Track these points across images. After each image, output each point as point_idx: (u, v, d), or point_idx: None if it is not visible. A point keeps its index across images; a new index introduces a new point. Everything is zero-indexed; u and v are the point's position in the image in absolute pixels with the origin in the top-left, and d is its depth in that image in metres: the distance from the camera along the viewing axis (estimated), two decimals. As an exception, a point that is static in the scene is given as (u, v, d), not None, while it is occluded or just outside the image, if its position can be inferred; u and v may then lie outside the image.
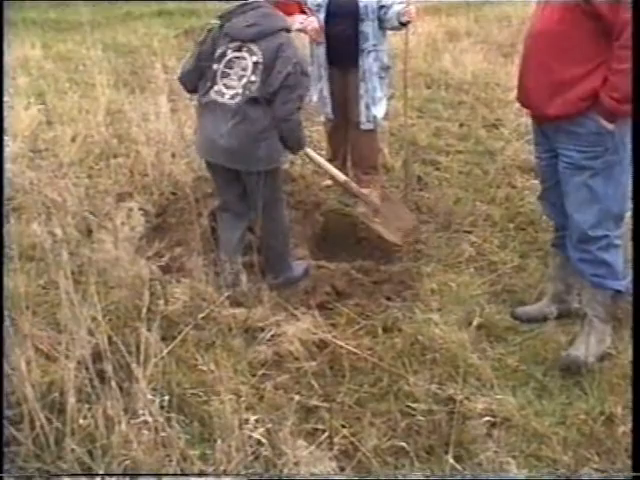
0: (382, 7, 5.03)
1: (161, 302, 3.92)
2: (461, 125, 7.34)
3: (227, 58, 3.95)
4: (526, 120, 5.42)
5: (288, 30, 4.01)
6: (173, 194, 5.35)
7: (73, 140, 6.24)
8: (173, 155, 5.79)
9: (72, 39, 10.62)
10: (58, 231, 4.48)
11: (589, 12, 3.08)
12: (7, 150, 5.50)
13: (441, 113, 7.67)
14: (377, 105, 5.34)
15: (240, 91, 3.88)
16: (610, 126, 3.18)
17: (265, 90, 3.84)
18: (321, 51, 5.22)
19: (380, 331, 3.76)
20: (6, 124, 5.95)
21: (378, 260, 4.57)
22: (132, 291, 3.88)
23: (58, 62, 9.44)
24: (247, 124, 3.90)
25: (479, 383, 3.36)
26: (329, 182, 5.64)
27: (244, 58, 3.90)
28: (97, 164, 5.92)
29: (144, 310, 3.56)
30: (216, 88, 3.97)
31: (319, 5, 5.11)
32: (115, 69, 8.79)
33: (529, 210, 5.13)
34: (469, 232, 4.95)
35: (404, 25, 4.98)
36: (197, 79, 4.10)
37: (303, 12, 4.43)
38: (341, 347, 3.57)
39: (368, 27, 5.10)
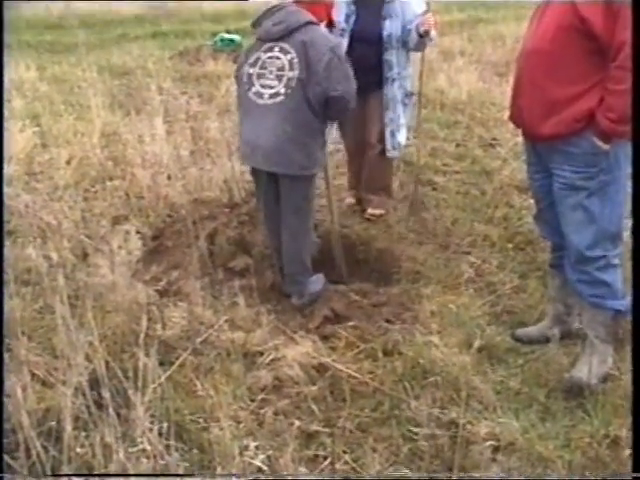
0: (406, 30, 5.02)
1: (159, 326, 3.89)
2: (457, 145, 7.35)
3: (261, 60, 3.97)
4: (522, 139, 5.44)
5: (315, 23, 4.00)
6: (169, 217, 5.32)
7: (68, 163, 6.23)
8: (169, 177, 5.78)
9: (67, 61, 10.64)
10: (54, 255, 4.46)
11: (583, 32, 3.06)
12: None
13: (437, 133, 7.68)
14: (401, 132, 5.37)
15: (282, 90, 3.89)
16: (605, 147, 3.16)
17: (310, 85, 3.84)
18: None
19: (380, 354, 3.73)
20: (1, 147, 5.94)
21: (377, 282, 4.55)
22: (129, 316, 3.85)
23: (53, 84, 9.44)
24: (287, 124, 3.90)
25: (481, 406, 3.33)
26: (352, 200, 5.69)
27: (278, 57, 3.91)
28: (93, 187, 5.90)
29: (142, 335, 3.52)
30: (253, 90, 3.99)
31: (343, 30, 5.09)
32: (110, 91, 8.81)
33: (527, 230, 5.11)
34: (468, 253, 4.93)
35: (423, 37, 4.94)
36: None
37: (330, 23, 4.41)
38: (341, 371, 3.55)
39: (392, 55, 5.10)
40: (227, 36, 12.33)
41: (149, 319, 3.83)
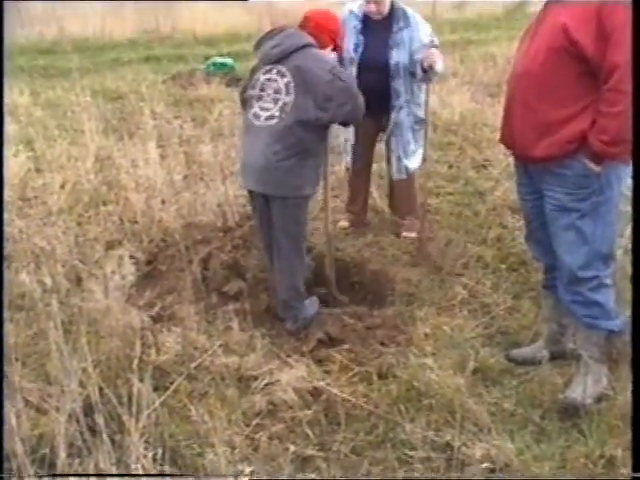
0: (413, 59, 5.05)
1: (153, 352, 3.89)
2: (450, 166, 7.36)
3: (260, 82, 4.03)
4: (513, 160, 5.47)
5: (314, 45, 4.03)
6: (163, 241, 5.31)
7: (62, 187, 6.23)
8: (163, 202, 5.78)
9: (61, 86, 10.64)
10: (47, 280, 4.47)
11: (575, 54, 3.09)
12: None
13: (430, 154, 7.68)
14: (410, 157, 5.43)
15: (277, 113, 3.93)
16: (597, 168, 3.18)
17: (306, 109, 3.88)
18: None
19: (375, 377, 3.73)
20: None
21: (371, 305, 4.55)
22: (123, 341, 3.84)
23: (47, 109, 9.46)
24: (279, 146, 3.93)
25: (476, 428, 3.33)
26: (346, 223, 5.71)
27: (275, 80, 3.96)
28: (86, 211, 5.90)
29: (136, 360, 3.53)
30: (252, 111, 4.05)
31: (352, 59, 5.15)
32: (104, 115, 8.80)
33: (521, 250, 5.11)
34: (461, 274, 4.93)
35: (426, 72, 4.97)
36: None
37: (336, 49, 4.45)
38: (336, 395, 3.55)
39: (399, 84, 5.16)
40: (220, 60, 12.37)
41: (143, 344, 3.84)
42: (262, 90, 4.01)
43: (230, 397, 3.49)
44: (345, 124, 4.31)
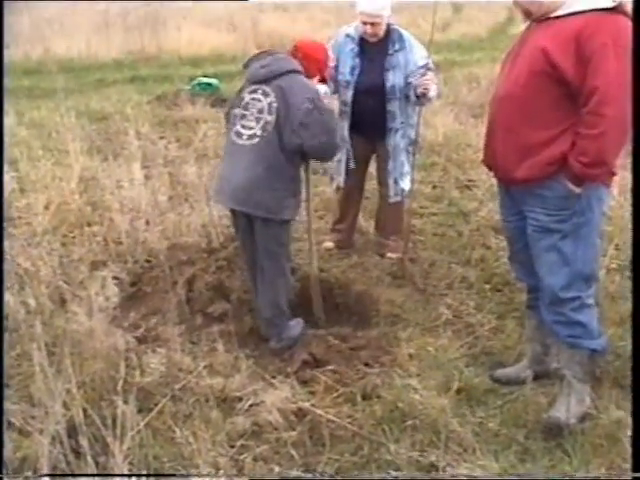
0: (409, 81, 5.08)
1: (137, 373, 3.87)
2: (434, 187, 7.39)
3: (244, 101, 4.06)
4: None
5: (299, 72, 4.07)
6: (147, 262, 5.31)
7: (46, 208, 6.21)
8: (147, 222, 5.77)
9: (45, 106, 10.63)
10: (31, 301, 4.45)
11: (555, 77, 3.13)
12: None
13: (414, 175, 7.72)
14: (405, 179, 5.44)
15: (259, 132, 3.96)
16: (578, 190, 3.21)
17: (285, 132, 3.91)
18: (343, 125, 5.26)
19: (359, 398, 3.73)
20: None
21: (355, 326, 4.55)
22: (107, 362, 3.83)
23: (31, 129, 9.43)
24: (259, 166, 3.96)
25: (461, 449, 3.33)
26: (330, 245, 5.73)
27: (259, 100, 3.99)
28: (71, 232, 5.88)
29: (120, 382, 3.52)
30: (235, 129, 4.08)
31: (348, 82, 5.16)
32: (88, 136, 8.81)
33: (504, 271, 5.13)
34: (445, 295, 4.95)
35: (419, 98, 5.02)
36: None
37: (323, 80, 4.47)
38: (320, 416, 3.54)
39: (395, 106, 5.18)
40: (205, 80, 12.38)
41: (127, 366, 3.83)
42: (246, 109, 4.04)
43: (214, 418, 3.48)
44: (318, 159, 4.29)
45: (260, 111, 3.97)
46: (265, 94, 3.98)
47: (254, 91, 4.04)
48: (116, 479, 2.92)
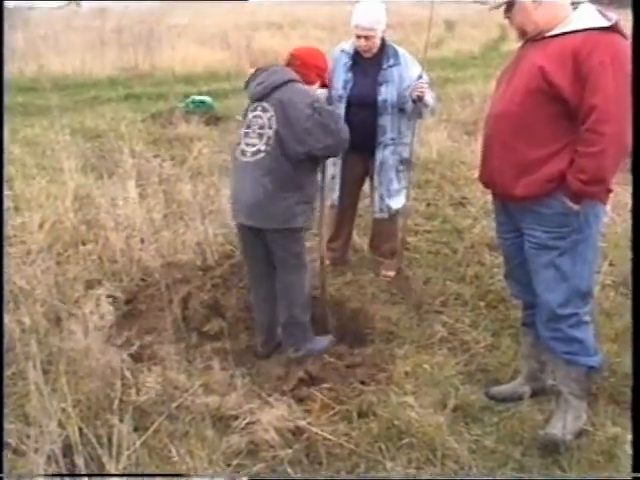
0: (403, 96, 5.08)
1: (133, 392, 3.86)
2: (428, 204, 7.40)
3: (247, 120, 4.13)
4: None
5: (297, 81, 4.10)
6: (143, 280, 5.31)
7: (41, 226, 6.19)
8: (142, 241, 5.76)
9: (40, 124, 10.65)
10: (26, 320, 4.43)
11: (552, 95, 3.15)
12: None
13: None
14: (394, 197, 5.41)
15: (263, 147, 4.01)
16: (576, 207, 3.23)
17: (288, 142, 3.95)
18: None
19: (355, 416, 3.72)
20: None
21: (351, 343, 4.55)
22: (103, 381, 3.82)
23: (25, 147, 9.42)
24: (266, 179, 4.00)
25: (457, 466, 3.34)
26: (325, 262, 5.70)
27: (260, 117, 4.05)
28: (66, 251, 5.86)
29: (116, 400, 3.52)
30: (240, 149, 4.14)
31: (341, 96, 5.16)
32: (83, 154, 8.80)
33: (499, 287, 5.15)
34: (440, 312, 4.95)
35: (415, 102, 5.00)
36: None
37: (324, 85, 4.49)
38: (317, 434, 3.54)
39: (386, 121, 5.16)
40: (198, 98, 12.41)
41: (123, 384, 3.82)
42: (249, 127, 4.10)
43: (210, 437, 3.47)
44: (328, 156, 4.34)
45: (261, 127, 4.02)
46: (264, 110, 4.03)
47: (255, 109, 4.10)
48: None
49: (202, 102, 12.22)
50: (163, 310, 4.63)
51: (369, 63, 5.18)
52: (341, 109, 5.15)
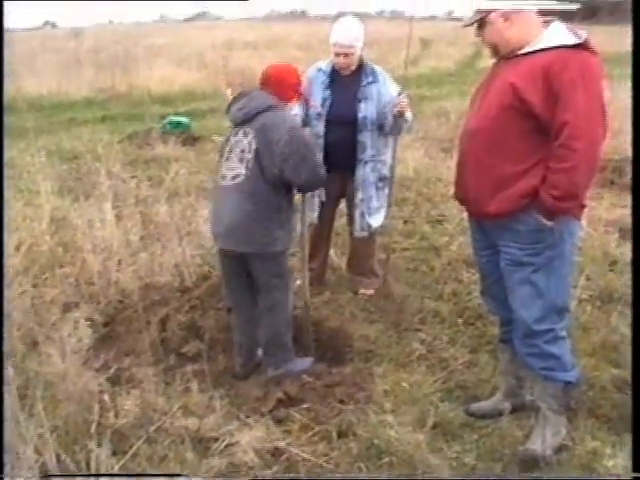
0: (382, 113, 5.09)
1: (111, 415, 3.82)
2: (405, 222, 7.44)
3: (229, 144, 4.14)
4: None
5: (277, 107, 4.11)
6: (120, 302, 5.28)
7: (17, 249, 6.15)
8: (119, 263, 5.73)
9: (16, 146, 10.59)
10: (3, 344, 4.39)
11: (524, 112, 3.18)
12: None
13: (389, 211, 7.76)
14: (373, 215, 5.41)
15: (242, 171, 4.01)
16: (550, 223, 3.25)
17: (267, 167, 3.96)
18: None
19: (335, 436, 3.72)
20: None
21: (330, 362, 4.54)
22: (81, 405, 3.78)
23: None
24: (247, 203, 4.00)
25: (438, 484, 3.33)
26: (298, 282, 5.69)
27: (241, 141, 4.05)
28: (43, 273, 5.82)
29: (93, 425, 3.49)
30: (220, 173, 4.14)
31: (319, 114, 5.16)
32: (59, 176, 8.77)
33: (477, 304, 5.17)
34: (419, 330, 4.96)
35: (396, 118, 5.02)
36: None
37: (301, 98, 4.51)
38: (296, 454, 3.53)
39: (366, 137, 5.16)
40: (175, 118, 12.43)
41: (101, 408, 3.79)
42: (230, 152, 4.11)
43: (190, 460, 3.44)
44: (303, 191, 4.30)
45: (242, 151, 4.03)
46: (245, 134, 4.05)
47: (236, 133, 4.12)
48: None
49: (179, 122, 12.23)
50: (141, 332, 4.60)
51: (347, 80, 5.19)
52: (320, 127, 5.16)
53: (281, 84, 4.20)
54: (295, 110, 4.97)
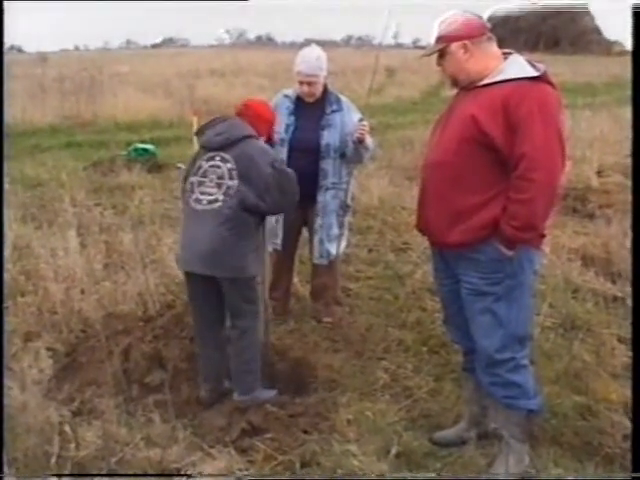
0: (344, 140, 5.14)
1: (72, 447, 3.77)
2: (370, 250, 7.46)
3: (202, 169, 4.12)
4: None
5: (254, 137, 4.17)
6: (83, 332, 5.22)
7: (-22, 278, 6.09)
8: (82, 291, 5.69)
9: (-22, 174, 10.49)
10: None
11: (485, 144, 3.22)
12: None
13: (349, 239, 7.76)
14: (333, 242, 5.42)
15: (220, 197, 4.02)
16: (510, 253, 3.28)
17: (247, 196, 3.99)
18: None
19: (298, 466, 3.70)
20: None
21: (294, 392, 4.52)
22: (41, 437, 3.73)
23: (-37, 197, 9.27)
24: (223, 228, 4.00)
25: (401, 514, 3.33)
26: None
27: (218, 166, 4.06)
28: (4, 303, 5.76)
29: (54, 457, 3.44)
30: (194, 197, 4.11)
31: (283, 140, 5.19)
32: (23, 203, 8.70)
33: (441, 332, 5.16)
34: (383, 358, 4.96)
35: (356, 145, 5.04)
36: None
37: (269, 140, 4.55)
38: (260, 485, 3.51)
39: (328, 165, 5.20)
40: (141, 146, 12.39)
41: (62, 440, 3.74)
42: (204, 176, 4.10)
43: (152, 492, 3.43)
44: (268, 214, 4.35)
45: (220, 177, 4.04)
46: (224, 160, 4.06)
47: (211, 158, 4.11)
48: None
49: (145, 150, 12.20)
50: (103, 362, 4.55)
51: (312, 108, 5.24)
52: (283, 153, 5.18)
53: (259, 118, 4.28)
54: None
